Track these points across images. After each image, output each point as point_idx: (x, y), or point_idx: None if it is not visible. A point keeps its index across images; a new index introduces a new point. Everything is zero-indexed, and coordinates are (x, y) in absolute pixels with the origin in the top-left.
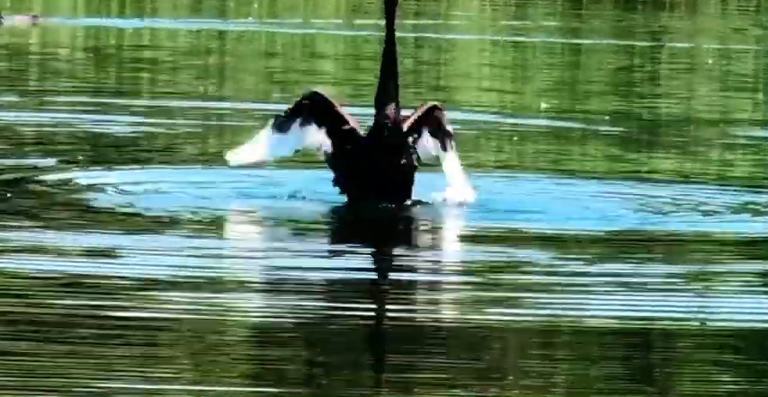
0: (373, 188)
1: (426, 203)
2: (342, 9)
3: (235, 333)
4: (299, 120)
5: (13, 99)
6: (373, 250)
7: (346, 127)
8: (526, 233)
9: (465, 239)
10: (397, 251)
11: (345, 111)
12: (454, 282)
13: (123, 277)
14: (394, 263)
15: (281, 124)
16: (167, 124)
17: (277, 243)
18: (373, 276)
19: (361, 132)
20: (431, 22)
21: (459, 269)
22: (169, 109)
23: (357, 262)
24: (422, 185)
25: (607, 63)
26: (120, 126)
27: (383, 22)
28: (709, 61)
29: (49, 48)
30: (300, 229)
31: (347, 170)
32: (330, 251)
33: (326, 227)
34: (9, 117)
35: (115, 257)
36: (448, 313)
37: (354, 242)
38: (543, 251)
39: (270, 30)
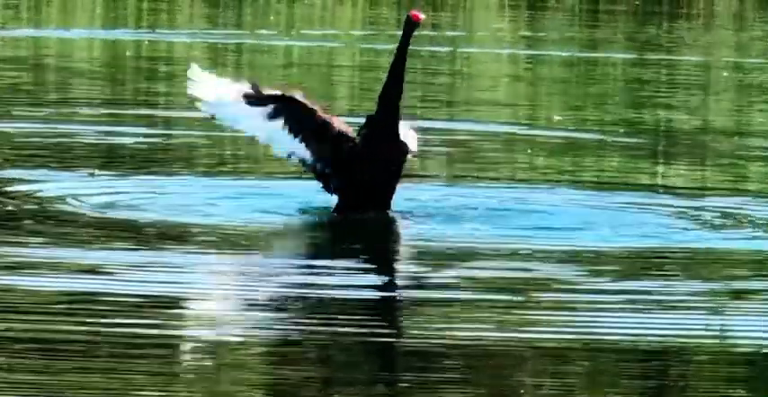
0: (369, 194)
1: (410, 213)
2: (358, 22)
3: (245, 350)
4: (269, 111)
5: (28, 110)
6: (389, 265)
7: (336, 132)
8: (543, 247)
9: (480, 254)
10: (410, 267)
11: (329, 116)
12: (470, 300)
13: (127, 295)
14: (409, 279)
15: (253, 102)
16: (176, 134)
17: (291, 259)
18: (392, 293)
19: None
20: (447, 33)
21: (477, 286)
22: (179, 119)
23: (371, 279)
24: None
25: (623, 75)
26: (132, 137)
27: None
28: (725, 74)
29: (63, 61)
30: (306, 243)
31: (348, 176)
32: (345, 268)
33: (339, 240)
34: (25, 127)
35: (115, 273)
36: (463, 332)
37: (364, 256)
38: (561, 266)
39: (288, 42)
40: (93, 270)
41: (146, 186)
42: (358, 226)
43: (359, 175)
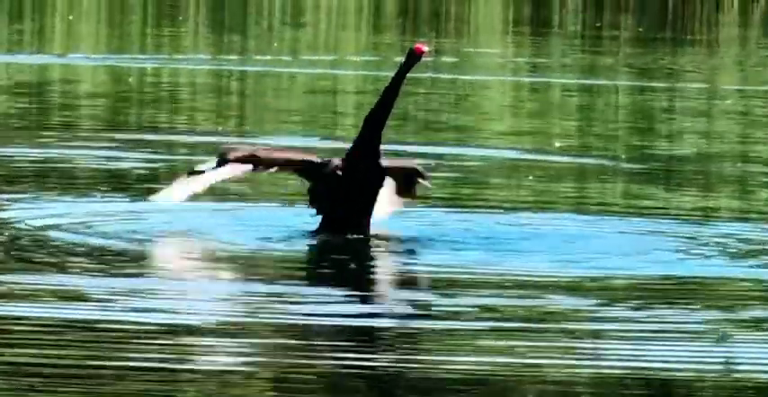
0: (347, 215)
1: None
2: (362, 47)
3: (249, 381)
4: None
5: (33, 135)
6: (394, 294)
7: (305, 161)
8: (548, 275)
9: (486, 282)
10: (417, 295)
11: (284, 152)
12: (478, 329)
13: (128, 323)
14: (415, 308)
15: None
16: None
17: (295, 287)
18: (402, 322)
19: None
20: (450, 59)
21: (485, 315)
22: (181, 143)
23: (378, 308)
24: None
25: (626, 102)
26: (134, 162)
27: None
28: (728, 101)
29: (66, 87)
30: (302, 270)
31: (327, 197)
32: (348, 296)
33: (336, 265)
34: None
35: (115, 301)
36: (473, 362)
37: (368, 284)
38: (565, 295)
39: (291, 69)
40: (81, 298)
41: (135, 210)
42: (351, 251)
43: (336, 196)
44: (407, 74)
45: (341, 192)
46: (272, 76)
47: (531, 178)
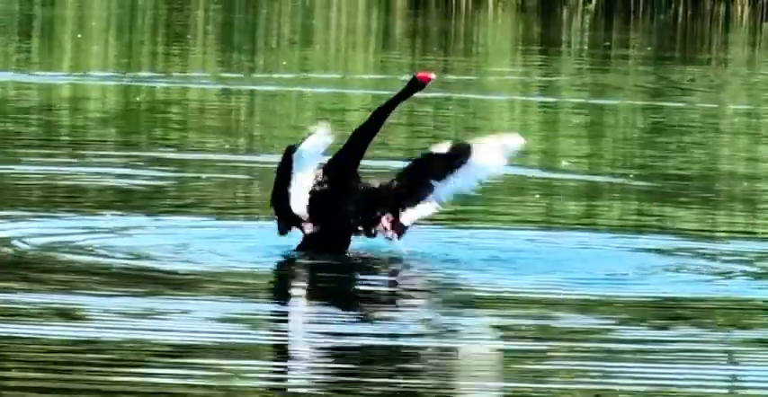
0: (329, 231)
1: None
2: (371, 66)
3: None
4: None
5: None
6: (405, 313)
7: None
8: (560, 294)
9: (498, 301)
10: (427, 313)
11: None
12: (495, 350)
13: (142, 342)
14: (424, 327)
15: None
16: (188, 177)
17: (316, 307)
18: (411, 342)
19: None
20: (461, 77)
21: (499, 334)
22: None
23: (393, 328)
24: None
25: (635, 120)
26: (145, 179)
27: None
28: (736, 119)
29: (77, 106)
30: (309, 289)
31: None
32: (361, 316)
33: (342, 283)
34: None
35: (129, 320)
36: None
37: (377, 303)
38: (575, 314)
39: (299, 88)
40: (81, 317)
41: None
42: (366, 270)
43: (317, 211)
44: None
45: (322, 207)
46: (281, 95)
47: (537, 196)
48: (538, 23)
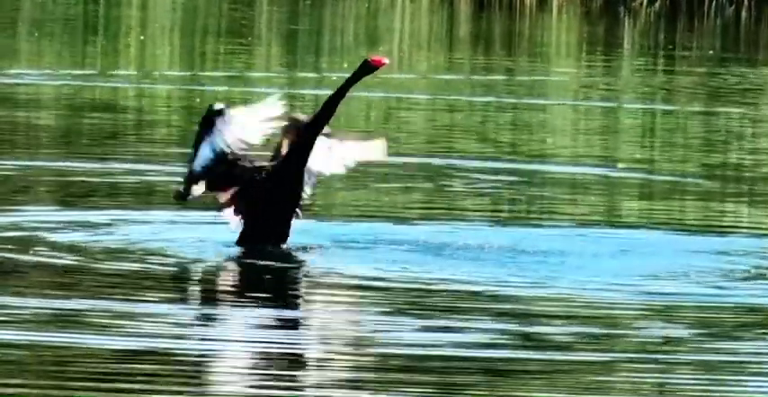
0: (269, 223)
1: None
2: (438, 68)
3: None
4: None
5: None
6: (419, 320)
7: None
8: (616, 295)
9: (545, 300)
10: (442, 321)
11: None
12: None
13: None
14: (440, 334)
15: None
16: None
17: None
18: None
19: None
20: (524, 78)
21: (527, 343)
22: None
23: (408, 335)
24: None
25: (697, 127)
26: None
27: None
28: None
29: (138, 105)
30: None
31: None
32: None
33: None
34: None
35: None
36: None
37: (384, 308)
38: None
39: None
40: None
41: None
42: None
43: (261, 202)
44: (355, 81)
45: (268, 196)
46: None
47: (598, 194)
48: (602, 25)
